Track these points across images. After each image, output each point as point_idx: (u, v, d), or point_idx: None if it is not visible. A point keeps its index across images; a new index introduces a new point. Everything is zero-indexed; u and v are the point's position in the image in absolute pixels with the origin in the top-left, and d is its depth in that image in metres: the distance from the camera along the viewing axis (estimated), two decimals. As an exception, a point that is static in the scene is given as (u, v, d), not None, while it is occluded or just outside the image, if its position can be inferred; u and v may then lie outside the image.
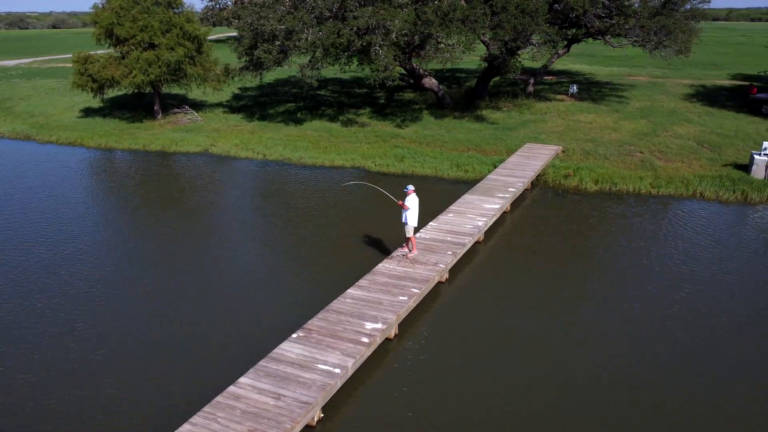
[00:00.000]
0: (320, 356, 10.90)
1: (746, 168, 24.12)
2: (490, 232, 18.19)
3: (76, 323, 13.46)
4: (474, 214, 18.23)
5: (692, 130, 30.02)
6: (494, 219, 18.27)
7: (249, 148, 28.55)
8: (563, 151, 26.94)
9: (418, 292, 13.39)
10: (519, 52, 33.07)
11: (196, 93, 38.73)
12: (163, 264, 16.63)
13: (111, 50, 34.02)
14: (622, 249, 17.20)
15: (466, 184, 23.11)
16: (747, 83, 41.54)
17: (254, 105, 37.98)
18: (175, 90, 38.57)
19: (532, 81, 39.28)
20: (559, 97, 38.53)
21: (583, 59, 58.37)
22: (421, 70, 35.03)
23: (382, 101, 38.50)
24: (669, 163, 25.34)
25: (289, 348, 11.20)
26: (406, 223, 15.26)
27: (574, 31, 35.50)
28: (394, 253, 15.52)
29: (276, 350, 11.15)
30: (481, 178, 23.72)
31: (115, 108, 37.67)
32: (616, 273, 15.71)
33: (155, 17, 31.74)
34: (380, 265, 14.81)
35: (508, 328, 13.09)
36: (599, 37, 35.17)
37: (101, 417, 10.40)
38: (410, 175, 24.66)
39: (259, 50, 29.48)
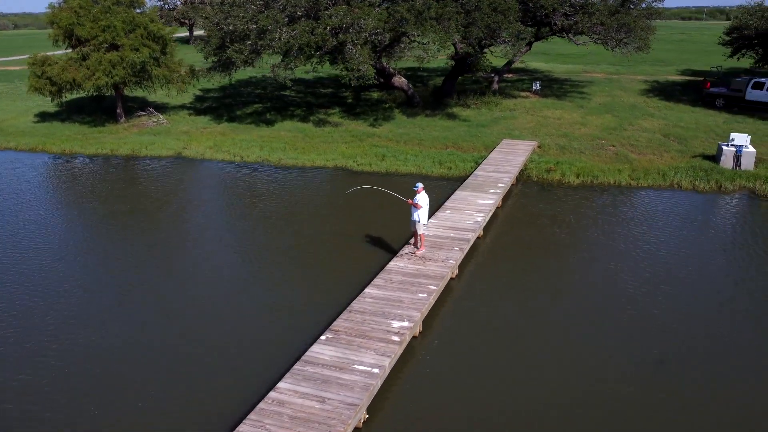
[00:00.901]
0: (355, 357, 10.74)
1: (714, 158, 25.18)
2: (486, 227, 18.36)
3: (83, 336, 12.84)
4: (471, 210, 18.36)
5: (656, 123, 31.13)
6: (491, 214, 18.44)
7: (224, 150, 27.90)
8: (539, 147, 27.46)
9: (436, 288, 13.38)
10: (491, 50, 33.55)
11: (158, 95, 37.56)
12: (172, 272, 16.06)
13: (69, 52, 32.61)
14: (619, 237, 17.69)
15: (452, 181, 23.25)
16: (698, 78, 43.41)
17: (219, 106, 37.17)
18: (136, 92, 37.28)
19: (496, 79, 39.88)
20: (524, 94, 39.31)
21: (539, 57, 59.63)
22: (390, 69, 35.07)
23: (350, 101, 38.33)
24: (642, 155, 26.19)
25: (321, 350, 10.99)
26: (417, 221, 15.23)
27: (540, 29, 36.24)
28: (403, 251, 15.46)
29: (308, 353, 10.92)
30: (466, 175, 23.92)
31: (74, 112, 36.13)
32: (620, 259, 16.13)
33: (118, 17, 30.62)
34: (392, 263, 14.72)
35: (525, 318, 13.24)
36: (563, 35, 36.05)
37: (132, 432, 9.96)
38: (394, 173, 24.64)
39: (230, 50, 28.84)
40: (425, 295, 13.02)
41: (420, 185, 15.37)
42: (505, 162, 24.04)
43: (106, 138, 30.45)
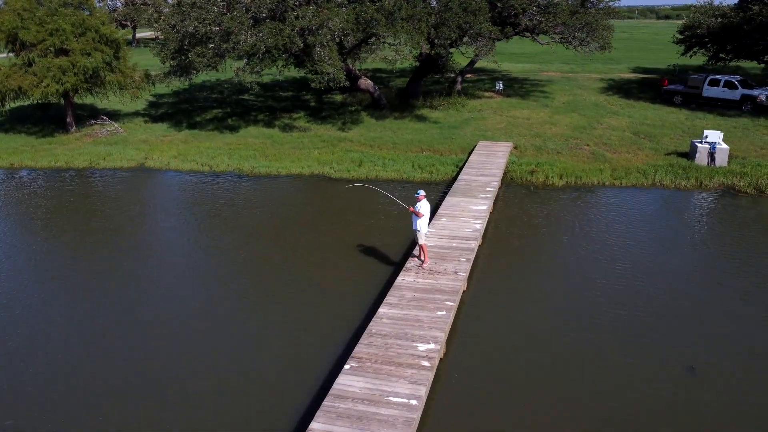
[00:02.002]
0: (388, 388, 9.91)
1: (687, 155, 25.49)
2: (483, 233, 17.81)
3: (99, 375, 11.50)
4: (467, 217, 17.77)
5: (623, 121, 31.43)
6: (486, 220, 17.90)
7: (190, 160, 26.40)
8: (515, 148, 27.20)
9: (453, 305, 12.68)
10: (463, 50, 33.20)
11: (110, 102, 35.40)
12: (160, 296, 14.76)
13: (12, 57, 30.27)
14: (618, 234, 17.50)
15: (436, 186, 22.64)
16: (651, 76, 44.41)
17: (177, 113, 35.40)
18: (85, 99, 35.03)
19: (459, 79, 39.62)
20: (487, 94, 39.21)
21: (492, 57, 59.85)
22: (356, 71, 34.22)
23: (314, 104, 37.27)
24: (618, 154, 26.27)
25: (349, 382, 10.09)
26: (418, 230, 14.50)
27: (504, 28, 36.11)
28: (408, 265, 14.69)
29: (336, 386, 10.01)
30: (448, 179, 23.41)
31: (17, 121, 33.65)
32: (625, 255, 15.87)
33: (66, 19, 28.56)
34: (400, 278, 13.92)
35: (544, 326, 12.71)
36: (525, 35, 36.06)
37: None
38: (374, 179, 23.82)
39: (192, 54, 27.34)
40: (444, 313, 12.30)
41: (422, 192, 14.65)
42: (487, 165, 23.60)
43: (58, 149, 28.37)
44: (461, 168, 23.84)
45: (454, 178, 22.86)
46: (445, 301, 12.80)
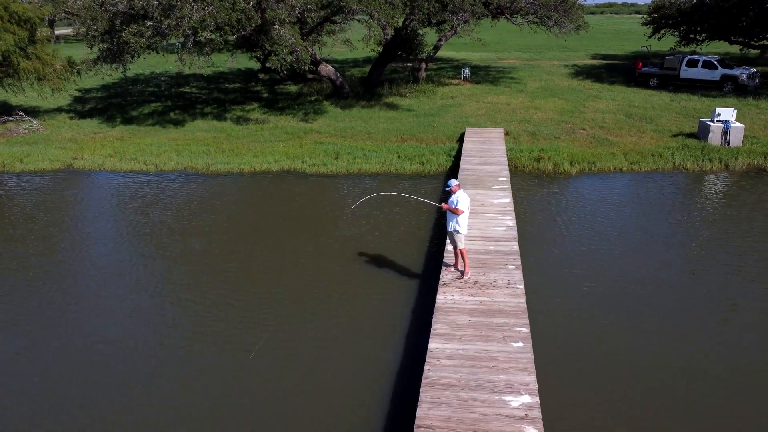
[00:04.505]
0: (491, 476, 6.43)
1: (695, 136, 23.23)
2: (510, 232, 14.57)
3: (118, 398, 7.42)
4: (492, 213, 14.47)
5: (610, 105, 29.12)
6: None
7: (130, 159, 21.96)
8: (507, 134, 24.21)
9: (527, 330, 9.30)
10: (434, 30, 30.04)
11: (27, 97, 30.14)
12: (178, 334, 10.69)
13: None
14: (689, 223, 14.64)
15: (435, 179, 19.30)
16: (612, 62, 42.76)
17: (108, 107, 30.56)
18: (-5, 94, 29.76)
19: (423, 66, 36.60)
20: (454, 81, 36.32)
21: (446, 46, 57.27)
22: (316, 56, 30.45)
23: (266, 95, 33.21)
24: (619, 137, 23.71)
25: (428, 470, 6.55)
26: (456, 232, 11.08)
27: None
28: (445, 277, 11.20)
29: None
30: (445, 170, 20.20)
31: None
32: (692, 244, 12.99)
33: (-34, -6, 23.51)
34: (441, 298, 10.41)
35: (657, 345, 9.55)
36: (498, 16, 33.35)
37: None
38: (357, 174, 20.23)
39: (126, 33, 22.89)
40: (521, 344, 8.91)
41: (454, 182, 11.25)
42: (487, 152, 20.46)
43: (-38, 152, 23.25)
44: (457, 157, 20.61)
45: (453, 168, 19.60)
46: (515, 326, 9.40)
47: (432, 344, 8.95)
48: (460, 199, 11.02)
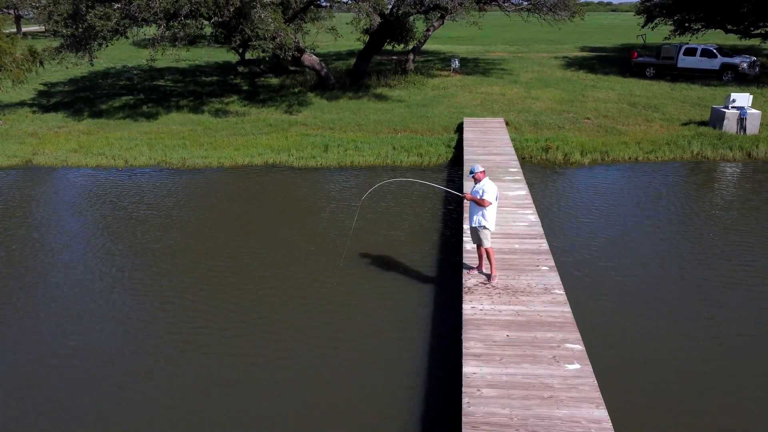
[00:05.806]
0: None
1: (707, 124, 21.86)
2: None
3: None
4: (510, 206, 12.77)
5: (610, 94, 27.71)
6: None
7: (97, 153, 19.88)
8: (507, 124, 22.60)
9: (581, 348, 7.57)
10: (432, 14, 28.36)
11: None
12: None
13: None
14: (705, 212, 13.07)
15: (435, 172, 17.57)
16: (602, 54, 41.53)
17: (75, 101, 28.29)
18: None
19: (411, 57, 34.94)
20: (444, 72, 34.66)
21: (431, 40, 55.74)
22: (299, 45, 28.53)
23: (246, 87, 31.19)
24: (627, 126, 22.24)
25: None
26: (482, 227, 9.34)
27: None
28: (468, 282, 9.42)
29: None
30: (445, 161, 18.52)
31: None
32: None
33: None
34: (469, 308, 8.63)
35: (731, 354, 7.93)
36: (492, 2, 31.84)
37: None
38: (350, 167, 18.43)
39: (91, 16, 20.78)
40: (577, 366, 7.17)
41: (478, 167, 9.51)
42: (490, 142, 18.80)
43: None
44: (457, 148, 18.93)
45: (455, 160, 17.91)
46: (564, 342, 7.68)
47: (467, 368, 7.17)
48: (486, 188, 9.29)
